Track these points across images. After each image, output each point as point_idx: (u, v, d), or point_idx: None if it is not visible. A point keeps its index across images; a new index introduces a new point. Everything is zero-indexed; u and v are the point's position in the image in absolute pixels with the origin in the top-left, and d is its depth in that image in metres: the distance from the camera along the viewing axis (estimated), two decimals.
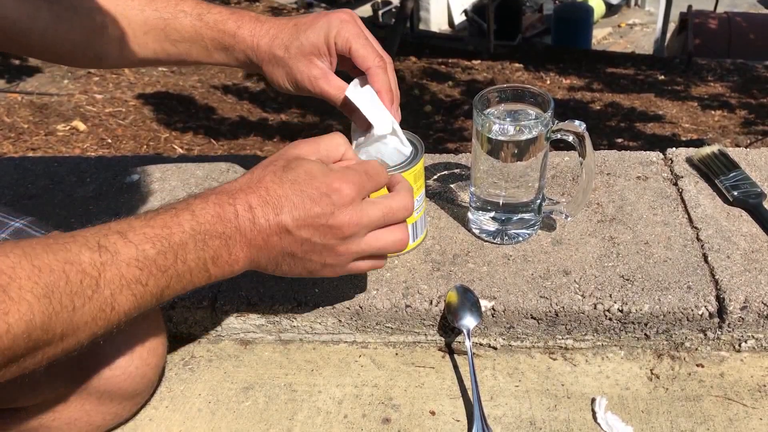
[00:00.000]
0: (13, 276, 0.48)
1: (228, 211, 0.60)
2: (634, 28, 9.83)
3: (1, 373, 0.50)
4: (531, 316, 0.78)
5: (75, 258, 0.52)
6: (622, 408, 0.74)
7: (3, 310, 0.47)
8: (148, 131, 3.55)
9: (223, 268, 0.61)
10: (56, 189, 1.04)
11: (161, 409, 0.78)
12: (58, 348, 0.52)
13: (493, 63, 5.74)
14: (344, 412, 0.76)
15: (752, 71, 5.54)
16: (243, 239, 0.61)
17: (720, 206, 0.91)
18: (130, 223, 0.57)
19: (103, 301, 0.53)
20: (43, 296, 0.49)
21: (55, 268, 0.50)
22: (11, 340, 0.48)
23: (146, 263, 0.55)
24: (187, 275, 0.59)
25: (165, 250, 0.56)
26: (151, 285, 0.56)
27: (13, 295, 0.48)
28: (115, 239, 0.55)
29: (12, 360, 0.49)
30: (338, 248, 0.64)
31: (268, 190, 0.62)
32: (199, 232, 0.58)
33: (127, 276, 0.54)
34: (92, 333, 0.53)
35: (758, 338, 0.79)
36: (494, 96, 0.83)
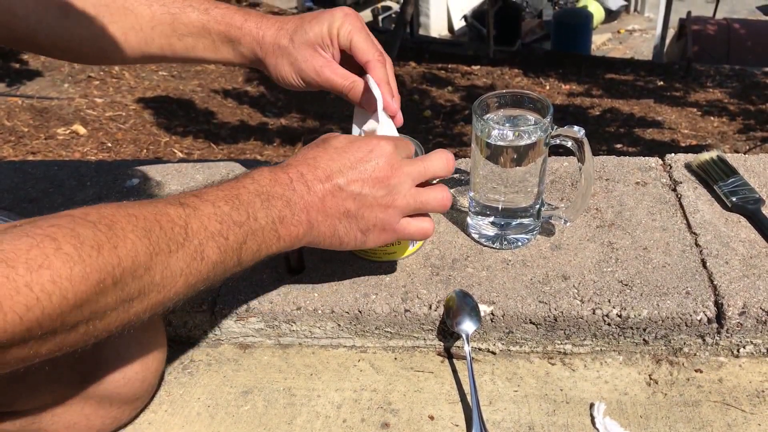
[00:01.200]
0: (114, 219, 0.53)
1: (282, 177, 0.66)
2: (634, 34, 9.85)
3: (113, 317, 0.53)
4: (530, 321, 0.78)
5: (163, 210, 0.57)
6: (621, 413, 0.75)
7: (113, 244, 0.51)
8: (148, 135, 3.55)
9: (289, 229, 0.65)
10: (56, 193, 1.04)
11: (160, 413, 0.78)
12: (160, 294, 0.56)
13: (492, 68, 5.75)
14: (343, 416, 0.76)
15: (751, 77, 5.55)
16: (301, 201, 0.66)
17: (718, 212, 0.91)
18: (201, 189, 0.63)
19: (194, 249, 0.57)
20: (143, 236, 0.53)
21: (148, 216, 0.55)
22: (122, 273, 0.51)
23: (224, 218, 0.60)
24: (260, 233, 0.63)
25: (237, 207, 0.62)
26: (231, 239, 0.60)
27: (119, 233, 0.52)
28: (193, 199, 0.60)
29: (124, 299, 0.52)
30: (387, 199, 0.69)
31: (315, 158, 0.68)
32: (261, 192, 0.64)
33: (210, 228, 0.59)
34: (187, 282, 0.57)
35: (756, 344, 0.79)
36: (493, 101, 0.83)
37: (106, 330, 0.54)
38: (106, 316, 0.52)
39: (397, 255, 0.85)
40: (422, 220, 0.73)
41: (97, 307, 0.50)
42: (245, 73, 4.74)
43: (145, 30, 0.83)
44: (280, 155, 3.51)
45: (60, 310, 0.48)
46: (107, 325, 0.53)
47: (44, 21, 0.80)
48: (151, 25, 0.83)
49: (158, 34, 0.83)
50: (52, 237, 0.48)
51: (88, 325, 0.51)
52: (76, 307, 0.49)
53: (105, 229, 0.51)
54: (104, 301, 0.51)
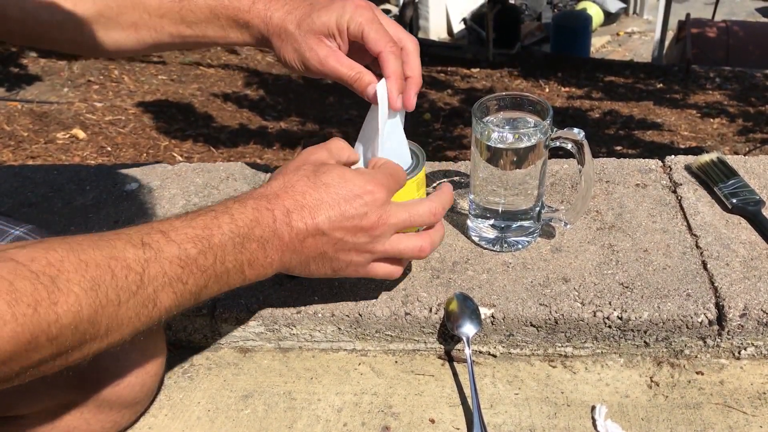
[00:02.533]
0: (61, 269, 0.50)
1: (266, 216, 0.63)
2: (633, 37, 9.85)
3: (49, 366, 0.51)
4: (530, 323, 0.78)
5: (120, 254, 0.54)
6: (622, 416, 0.74)
7: (52, 300, 0.48)
8: (147, 139, 3.55)
9: (257, 270, 0.63)
10: (56, 197, 1.04)
11: (160, 417, 0.78)
12: (103, 342, 0.53)
13: (492, 71, 5.75)
14: (343, 420, 0.76)
15: (750, 79, 5.55)
16: (280, 242, 0.64)
17: (719, 214, 0.91)
18: (172, 223, 0.59)
19: (147, 297, 0.55)
20: (90, 289, 0.50)
21: (101, 263, 0.52)
22: (59, 330, 0.49)
23: (188, 262, 0.57)
24: (225, 276, 0.61)
25: (205, 251, 0.59)
26: (191, 284, 0.58)
27: (62, 287, 0.49)
28: (158, 237, 0.57)
29: (60, 352, 0.50)
30: (366, 246, 0.68)
31: (303, 194, 0.65)
32: (238, 234, 0.61)
33: (170, 273, 0.56)
34: (135, 329, 0.55)
35: (758, 345, 0.79)
36: (493, 104, 0.83)
37: (40, 375, 0.52)
38: (39, 366, 0.50)
39: None
40: (392, 265, 0.72)
41: (27, 363, 0.49)
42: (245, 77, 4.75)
43: (154, 18, 0.82)
44: (279, 158, 3.51)
45: None
46: (40, 373, 0.51)
47: (56, 18, 0.81)
48: (159, 13, 0.82)
49: (168, 23, 0.82)
50: None
51: (19, 377, 0.50)
52: (4, 365, 0.47)
53: (47, 281, 0.48)
54: (36, 356, 0.49)
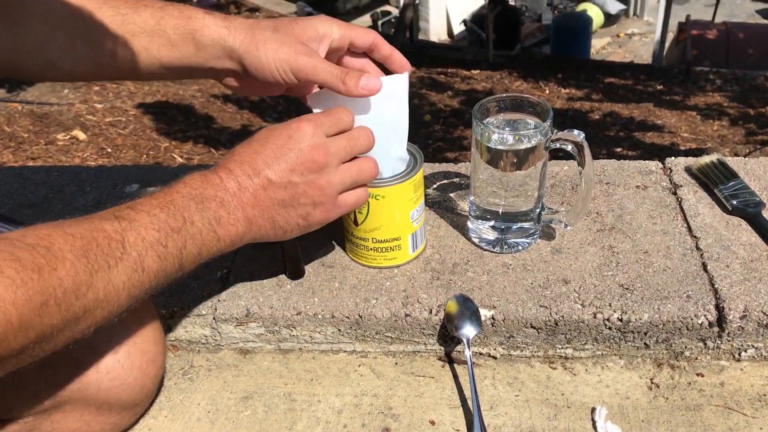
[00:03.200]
0: (51, 240, 0.53)
1: (212, 178, 0.66)
2: (633, 38, 9.86)
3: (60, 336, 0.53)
4: (531, 325, 0.78)
5: (98, 226, 0.57)
6: (622, 417, 0.74)
7: (52, 266, 0.51)
8: (148, 141, 3.55)
9: (228, 229, 0.66)
10: (56, 198, 1.04)
11: (160, 419, 0.78)
12: (105, 310, 0.56)
13: (492, 73, 5.75)
14: (344, 421, 0.76)
15: (751, 81, 5.55)
16: (234, 199, 0.66)
17: (719, 215, 0.91)
18: (135, 201, 0.62)
19: (133, 261, 0.57)
20: (82, 256, 0.53)
21: (84, 234, 0.55)
22: (63, 293, 0.51)
23: (161, 225, 0.60)
24: (198, 236, 0.63)
25: (173, 213, 0.62)
26: (170, 246, 0.61)
27: (57, 254, 0.52)
28: (128, 211, 0.60)
29: (68, 319, 0.52)
30: (318, 181, 0.69)
31: (240, 154, 0.69)
32: (195, 196, 0.64)
33: (148, 238, 0.59)
34: (130, 294, 0.58)
35: (758, 347, 0.79)
36: (493, 105, 0.83)
37: (52, 349, 0.54)
38: (52, 337, 0.52)
39: (397, 260, 0.85)
40: (358, 191, 0.74)
41: (42, 330, 0.50)
42: None
43: (94, 34, 0.76)
44: None
45: (4, 336, 0.47)
46: (53, 345, 0.53)
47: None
48: (100, 28, 0.76)
49: (108, 38, 0.76)
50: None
51: (34, 348, 0.51)
52: (21, 330, 0.48)
53: (43, 251, 0.51)
54: (50, 322, 0.51)
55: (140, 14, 0.76)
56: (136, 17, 0.76)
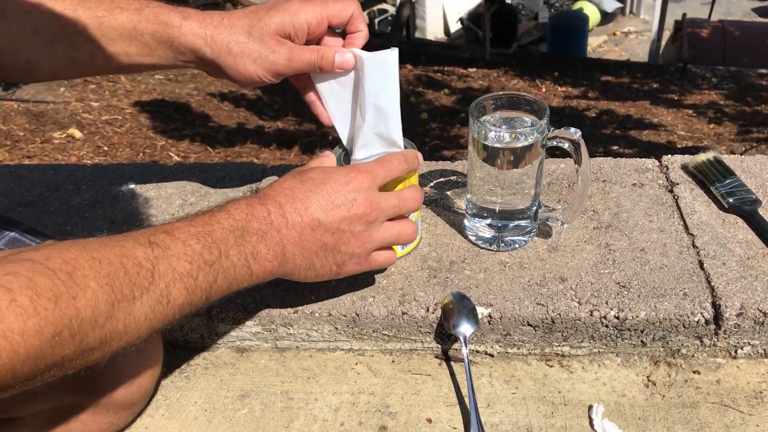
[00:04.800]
0: (76, 265, 0.50)
1: (260, 210, 0.65)
2: (629, 36, 9.87)
3: (72, 364, 0.51)
4: (527, 323, 0.78)
5: (130, 252, 0.54)
6: (619, 415, 0.74)
7: (71, 295, 0.49)
8: (144, 139, 3.55)
9: (263, 265, 0.64)
10: (52, 197, 1.04)
11: (157, 417, 0.78)
12: (122, 341, 0.54)
13: (488, 71, 5.75)
14: (341, 419, 0.76)
15: (746, 79, 5.56)
16: (278, 235, 0.65)
17: (715, 213, 0.91)
18: (173, 224, 0.61)
19: (160, 293, 0.55)
20: (106, 284, 0.51)
21: (113, 260, 0.53)
22: (80, 325, 0.49)
23: (194, 257, 0.58)
24: (231, 271, 0.61)
25: (209, 245, 0.60)
26: (200, 279, 0.59)
27: (79, 282, 0.50)
28: (163, 237, 0.58)
29: (83, 349, 0.50)
30: (364, 235, 0.69)
31: (292, 189, 0.67)
32: (236, 228, 0.62)
33: (179, 269, 0.57)
34: (151, 326, 0.55)
35: (754, 345, 0.79)
36: (490, 103, 0.83)
37: (61, 374, 0.52)
38: (63, 366, 0.50)
39: None
40: (388, 252, 0.74)
41: (53, 360, 0.49)
42: None
43: (71, 36, 0.76)
44: (276, 158, 3.51)
45: (11, 365, 0.46)
46: (63, 372, 0.51)
47: None
48: (77, 30, 0.75)
49: (85, 40, 0.76)
50: (7, 288, 0.46)
51: (43, 376, 0.50)
52: (29, 361, 0.47)
53: (65, 277, 0.49)
54: (61, 353, 0.49)
55: (116, 18, 0.75)
56: (113, 20, 0.75)
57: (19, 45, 0.76)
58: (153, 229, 0.59)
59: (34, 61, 0.77)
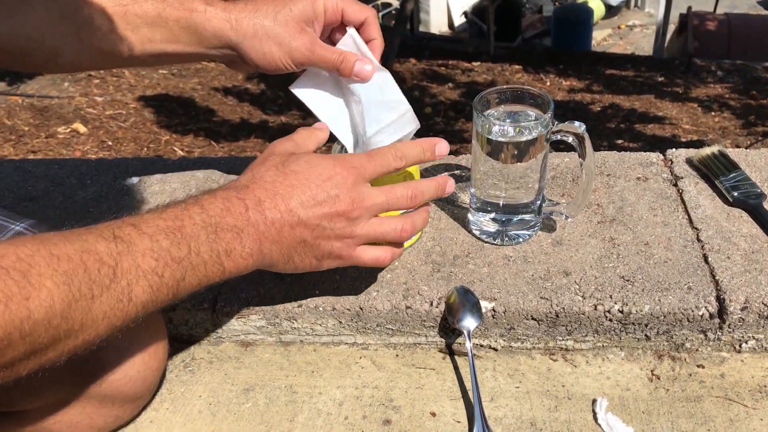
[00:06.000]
0: (32, 263, 0.48)
1: (237, 205, 0.62)
2: (634, 30, 9.83)
3: (23, 365, 0.50)
4: (531, 317, 0.78)
5: (92, 247, 0.52)
6: (623, 409, 0.74)
7: (24, 296, 0.47)
8: (148, 133, 3.55)
9: (237, 262, 0.62)
10: (56, 191, 1.04)
11: (162, 411, 0.78)
12: (78, 339, 0.52)
13: (492, 65, 5.74)
14: (345, 413, 0.76)
15: (752, 72, 5.54)
16: (255, 232, 0.62)
17: (720, 207, 0.91)
18: (142, 216, 0.58)
19: (121, 291, 0.53)
20: (63, 283, 0.49)
21: (73, 256, 0.51)
22: (32, 326, 0.47)
23: (161, 254, 0.56)
24: (201, 268, 0.59)
25: (178, 241, 0.57)
26: (167, 276, 0.56)
27: (33, 281, 0.48)
28: (129, 230, 0.56)
29: (35, 350, 0.49)
30: (345, 231, 0.66)
31: (273, 183, 0.64)
32: (209, 224, 0.60)
33: (143, 266, 0.55)
34: (110, 325, 0.54)
35: (759, 339, 0.79)
36: (494, 97, 0.83)
37: (14, 377, 0.50)
38: (12, 365, 0.49)
39: None
40: (377, 249, 0.71)
41: (1, 361, 0.47)
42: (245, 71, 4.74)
43: (98, 24, 0.76)
44: None
45: None
46: (15, 373, 0.50)
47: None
48: (103, 18, 0.75)
49: (111, 29, 0.76)
50: None
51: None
52: None
53: (18, 276, 0.47)
54: (10, 354, 0.47)
55: (141, 5, 0.76)
56: (137, 8, 0.76)
57: (45, 32, 0.76)
58: (120, 221, 0.57)
59: (60, 49, 0.77)
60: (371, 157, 0.68)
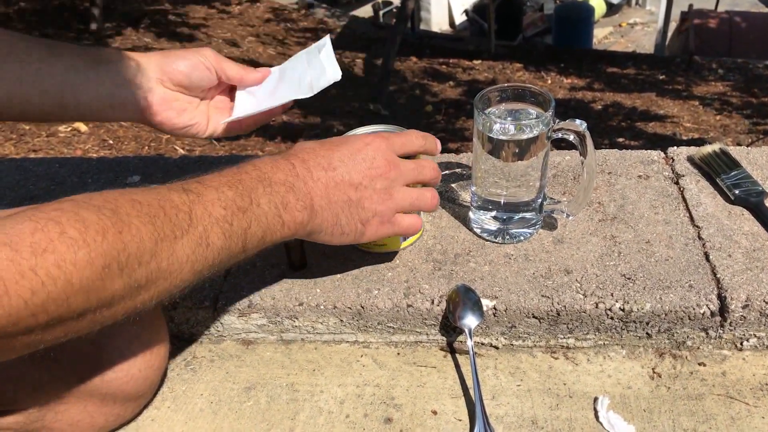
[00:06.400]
0: (118, 204, 0.52)
1: (284, 164, 0.67)
2: (635, 28, 9.83)
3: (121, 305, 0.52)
4: (533, 315, 0.78)
5: (167, 196, 0.57)
6: (624, 407, 0.74)
7: (117, 229, 0.50)
8: (149, 132, 3.55)
9: (293, 215, 0.66)
10: (58, 190, 1.04)
11: (163, 410, 0.78)
12: (167, 282, 0.55)
13: (494, 63, 5.74)
14: (346, 411, 0.76)
15: (753, 70, 5.54)
16: (305, 186, 0.67)
17: (721, 205, 0.91)
18: (202, 176, 0.63)
19: (199, 235, 0.57)
20: (148, 222, 0.53)
21: (152, 202, 0.55)
22: (127, 258, 0.51)
23: (228, 203, 0.60)
24: (264, 219, 0.63)
25: (241, 192, 0.62)
26: (235, 225, 0.60)
27: (123, 218, 0.51)
28: (196, 185, 0.60)
29: (131, 286, 0.52)
30: (386, 192, 0.71)
31: (314, 149, 0.70)
32: (264, 179, 0.65)
33: (214, 213, 0.59)
34: (193, 269, 0.57)
35: (760, 337, 0.79)
36: (495, 95, 0.83)
37: (113, 317, 0.53)
38: (113, 303, 0.51)
39: (387, 248, 0.84)
40: (413, 216, 0.76)
41: (104, 294, 0.50)
42: None
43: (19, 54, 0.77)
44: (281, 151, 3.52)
45: (65, 295, 0.47)
46: (114, 312, 0.52)
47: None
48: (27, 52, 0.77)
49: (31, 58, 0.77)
50: (56, 221, 0.48)
51: (95, 313, 0.51)
52: (82, 292, 0.48)
53: (109, 213, 0.51)
54: (111, 287, 0.50)
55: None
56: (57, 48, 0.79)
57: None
58: (183, 180, 0.61)
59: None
60: (399, 134, 0.75)
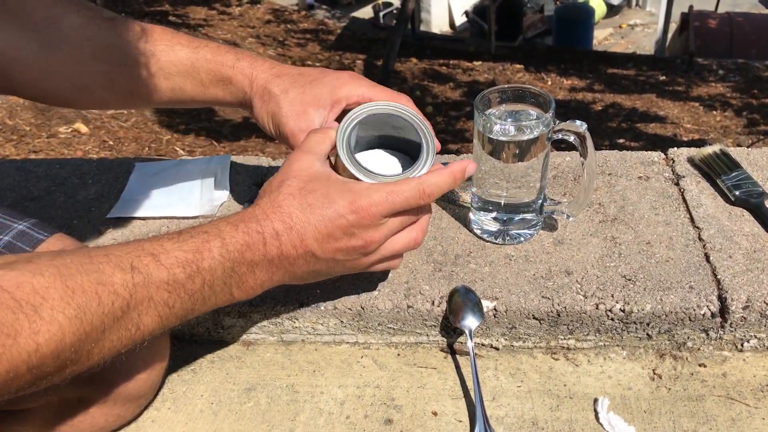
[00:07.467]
0: (46, 296, 0.49)
1: (256, 239, 0.62)
2: (635, 29, 9.82)
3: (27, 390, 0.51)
4: (533, 316, 0.78)
5: (108, 279, 0.53)
6: (625, 408, 0.74)
7: (33, 330, 0.48)
8: (149, 133, 3.55)
9: (246, 291, 0.63)
10: (58, 191, 1.04)
11: (164, 411, 0.78)
12: (84, 365, 0.53)
13: (494, 64, 5.74)
14: (346, 412, 0.76)
15: (754, 71, 5.54)
16: (269, 265, 0.63)
17: (722, 206, 0.91)
18: (163, 244, 0.58)
19: (131, 321, 0.54)
20: (75, 317, 0.50)
21: (87, 289, 0.52)
22: (39, 359, 0.49)
23: (175, 287, 0.57)
24: (212, 299, 0.61)
25: (194, 275, 0.58)
26: (177, 307, 0.58)
27: (45, 316, 0.49)
28: (148, 261, 0.56)
29: (39, 378, 0.50)
30: (360, 260, 0.67)
31: (290, 215, 0.63)
32: (228, 259, 0.60)
33: (156, 298, 0.56)
34: (116, 351, 0.55)
35: (760, 338, 0.79)
36: (495, 96, 0.83)
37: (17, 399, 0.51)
38: (17, 392, 0.50)
39: None
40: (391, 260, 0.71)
41: (5, 390, 0.48)
42: None
43: (130, 68, 0.78)
44: (282, 152, 3.51)
45: None
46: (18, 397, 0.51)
47: (21, 55, 0.75)
48: (137, 62, 0.77)
49: (144, 73, 0.78)
50: None
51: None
52: None
53: (30, 311, 0.48)
54: (15, 384, 0.48)
55: (176, 53, 0.79)
56: (172, 56, 0.78)
57: (75, 69, 0.78)
58: (140, 247, 0.57)
59: (90, 87, 0.79)
60: (393, 194, 0.65)
